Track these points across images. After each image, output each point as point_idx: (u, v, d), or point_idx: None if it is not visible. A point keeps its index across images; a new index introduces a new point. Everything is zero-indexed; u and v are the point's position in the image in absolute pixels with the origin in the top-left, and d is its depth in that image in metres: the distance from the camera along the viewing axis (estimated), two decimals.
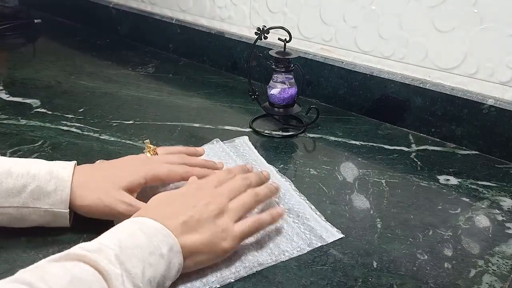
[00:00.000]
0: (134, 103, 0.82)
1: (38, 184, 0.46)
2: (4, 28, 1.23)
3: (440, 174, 0.62)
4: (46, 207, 0.46)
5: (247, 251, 0.47)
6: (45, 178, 0.46)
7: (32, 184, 0.45)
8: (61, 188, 0.46)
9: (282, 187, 0.57)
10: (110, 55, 1.09)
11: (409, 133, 0.74)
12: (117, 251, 0.36)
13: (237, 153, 0.65)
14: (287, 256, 0.46)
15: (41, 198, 0.46)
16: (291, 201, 0.55)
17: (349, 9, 0.76)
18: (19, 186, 0.45)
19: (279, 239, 0.48)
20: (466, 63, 0.67)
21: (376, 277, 0.44)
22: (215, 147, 0.66)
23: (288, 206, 0.54)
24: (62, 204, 0.46)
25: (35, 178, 0.46)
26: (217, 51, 1.00)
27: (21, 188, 0.45)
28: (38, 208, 0.46)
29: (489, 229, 0.51)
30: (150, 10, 1.14)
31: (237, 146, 0.67)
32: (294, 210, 0.53)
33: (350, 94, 0.80)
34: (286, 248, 0.47)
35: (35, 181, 0.46)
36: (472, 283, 0.44)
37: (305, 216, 0.52)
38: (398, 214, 0.53)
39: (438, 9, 0.67)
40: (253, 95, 0.75)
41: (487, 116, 0.66)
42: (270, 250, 0.47)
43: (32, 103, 0.80)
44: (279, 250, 0.47)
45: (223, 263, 0.45)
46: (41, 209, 0.46)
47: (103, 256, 0.35)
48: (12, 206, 0.45)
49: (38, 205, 0.46)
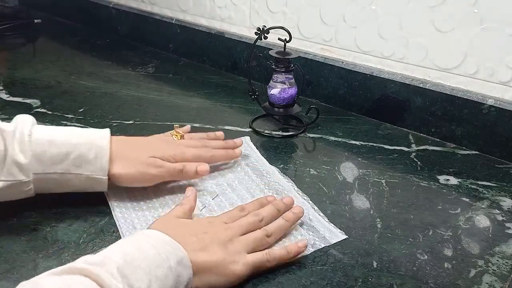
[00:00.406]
0: (134, 103, 0.82)
1: (79, 153, 0.49)
2: (4, 28, 1.23)
3: (440, 174, 0.62)
4: (87, 173, 0.50)
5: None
6: (86, 147, 0.49)
7: (75, 152, 0.49)
8: (101, 156, 0.50)
9: (284, 188, 0.57)
10: (110, 55, 1.09)
11: (409, 133, 0.74)
12: (121, 264, 0.35)
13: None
14: None
15: (82, 165, 0.49)
16: (294, 201, 0.54)
17: (349, 9, 0.76)
18: (62, 154, 0.49)
19: (283, 240, 0.48)
20: (466, 63, 0.67)
21: (376, 277, 0.44)
22: None
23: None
24: (101, 171, 0.50)
25: (76, 146, 0.49)
26: (217, 51, 1.00)
27: (64, 156, 0.49)
28: (80, 174, 0.49)
29: (489, 229, 0.51)
30: (150, 10, 1.14)
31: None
32: None
33: (350, 94, 0.80)
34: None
35: (76, 150, 0.49)
36: (472, 283, 0.44)
37: (308, 217, 0.52)
38: (398, 214, 0.53)
39: (438, 9, 0.67)
40: (253, 95, 0.75)
41: (487, 116, 0.66)
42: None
43: (32, 103, 0.80)
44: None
45: None
46: (83, 175, 0.50)
47: (104, 270, 0.34)
48: (56, 172, 0.49)
49: (79, 172, 0.49)
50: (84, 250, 0.46)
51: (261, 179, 0.59)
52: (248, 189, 0.57)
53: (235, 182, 0.58)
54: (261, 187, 0.57)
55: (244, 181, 0.59)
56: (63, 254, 0.46)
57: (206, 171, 0.55)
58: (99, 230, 0.49)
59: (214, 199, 0.55)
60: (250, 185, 0.58)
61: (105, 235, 0.49)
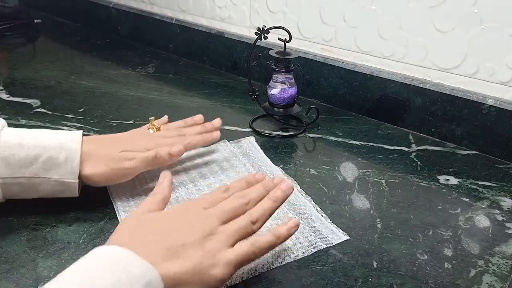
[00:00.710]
0: (134, 103, 0.82)
1: (49, 155, 0.47)
2: (4, 28, 1.23)
3: (440, 174, 0.62)
4: (57, 177, 0.48)
5: None
6: (56, 150, 0.47)
7: (44, 155, 0.47)
8: (71, 158, 0.48)
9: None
10: (110, 55, 1.09)
11: (409, 133, 0.74)
12: None
13: (243, 153, 0.65)
14: (292, 257, 0.46)
15: (52, 168, 0.47)
16: (297, 202, 0.55)
17: (349, 9, 0.76)
18: (31, 157, 0.47)
19: None
20: (466, 63, 0.67)
21: (376, 277, 0.44)
22: (222, 148, 0.67)
23: (293, 207, 0.54)
24: (72, 175, 0.48)
25: (46, 149, 0.47)
26: (217, 51, 1.00)
27: (33, 159, 0.47)
28: (49, 178, 0.47)
29: (489, 229, 0.51)
30: (150, 10, 1.14)
31: (243, 146, 0.67)
32: (299, 212, 0.53)
33: (350, 94, 0.80)
34: (292, 249, 0.47)
35: (46, 152, 0.47)
36: (472, 283, 0.44)
37: (310, 217, 0.52)
38: (398, 214, 0.53)
39: (438, 9, 0.67)
40: (253, 95, 0.75)
41: (487, 116, 0.66)
42: (275, 251, 0.47)
43: (32, 103, 0.80)
44: (285, 252, 0.47)
45: None
46: (52, 179, 0.48)
47: None
48: (24, 176, 0.47)
49: (49, 175, 0.47)
50: (84, 250, 0.46)
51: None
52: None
53: None
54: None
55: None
56: (63, 254, 0.46)
57: (180, 151, 0.54)
58: (99, 230, 0.49)
59: None
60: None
61: (105, 235, 0.49)
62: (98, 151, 0.51)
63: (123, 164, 0.51)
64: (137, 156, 0.52)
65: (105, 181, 0.51)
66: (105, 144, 0.52)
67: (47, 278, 0.42)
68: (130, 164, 0.51)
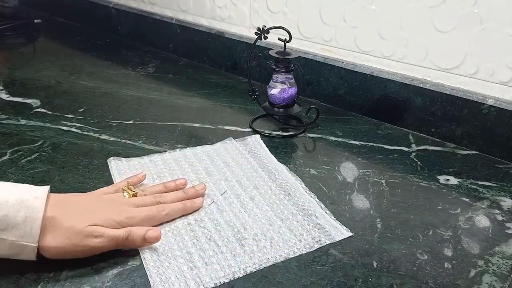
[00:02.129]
0: (134, 103, 0.82)
1: (5, 213, 0.40)
2: (4, 28, 1.23)
3: (440, 174, 0.62)
4: (13, 239, 0.41)
5: (256, 247, 0.47)
6: (14, 208, 0.41)
7: (0, 212, 0.40)
8: (31, 220, 0.41)
9: (292, 186, 0.58)
10: (110, 55, 1.09)
11: (409, 133, 0.74)
12: None
13: (248, 150, 0.66)
14: (296, 253, 0.46)
15: (8, 229, 0.40)
16: (301, 199, 0.55)
17: (349, 9, 0.76)
18: None
19: (289, 236, 0.49)
20: (466, 63, 0.67)
21: (376, 277, 0.44)
22: (228, 146, 0.67)
23: (297, 204, 0.54)
24: (31, 238, 0.41)
25: (2, 206, 0.41)
26: (217, 51, 1.00)
27: None
28: (4, 240, 0.40)
29: (489, 229, 0.51)
30: (150, 10, 1.14)
31: (248, 144, 0.68)
32: (303, 208, 0.53)
33: (350, 94, 0.80)
34: (295, 245, 0.48)
35: (2, 210, 0.40)
36: (472, 283, 0.44)
37: (314, 214, 0.52)
38: (398, 214, 0.53)
39: (438, 9, 0.67)
40: (253, 95, 0.75)
41: (487, 116, 0.66)
42: (279, 246, 0.47)
43: (32, 103, 0.80)
44: (288, 247, 0.47)
45: (232, 258, 0.45)
46: (7, 240, 0.41)
47: None
48: None
49: (3, 236, 0.40)
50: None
51: (269, 177, 0.60)
52: (256, 186, 0.58)
53: (244, 179, 0.59)
54: (269, 184, 0.58)
55: (253, 177, 0.59)
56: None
57: (156, 238, 0.46)
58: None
59: (223, 195, 0.56)
60: (259, 181, 0.59)
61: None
62: (62, 221, 0.43)
63: (88, 241, 0.43)
64: (106, 233, 0.44)
65: (62, 255, 0.43)
66: (71, 211, 0.45)
67: (47, 278, 0.42)
68: (96, 243, 0.44)
